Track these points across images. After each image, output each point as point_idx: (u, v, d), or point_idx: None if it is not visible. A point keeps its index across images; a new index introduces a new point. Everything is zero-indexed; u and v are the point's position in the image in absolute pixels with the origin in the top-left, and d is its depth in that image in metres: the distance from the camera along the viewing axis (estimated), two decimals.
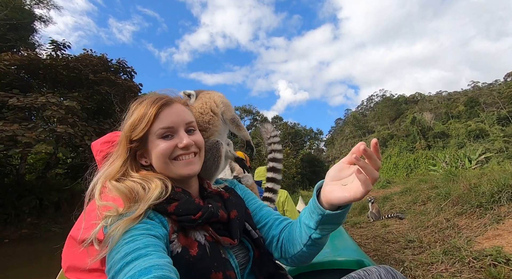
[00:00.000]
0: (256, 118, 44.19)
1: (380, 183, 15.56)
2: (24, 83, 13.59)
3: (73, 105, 11.75)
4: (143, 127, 0.79)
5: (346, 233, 2.28)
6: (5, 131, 10.00)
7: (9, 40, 16.57)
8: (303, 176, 22.37)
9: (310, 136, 46.70)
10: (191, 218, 0.72)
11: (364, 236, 4.10)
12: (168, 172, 0.81)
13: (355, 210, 6.41)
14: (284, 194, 3.01)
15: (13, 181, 12.51)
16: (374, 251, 3.17)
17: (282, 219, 0.96)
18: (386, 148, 64.93)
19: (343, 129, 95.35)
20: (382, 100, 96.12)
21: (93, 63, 14.24)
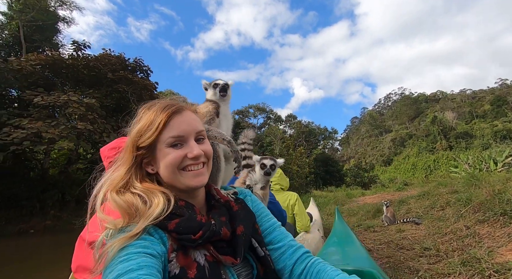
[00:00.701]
0: (270, 116, 44.01)
1: (396, 185, 15.09)
2: (48, 82, 14.27)
3: (92, 103, 12.20)
4: (151, 134, 0.75)
5: (357, 239, 2.21)
6: (31, 128, 10.56)
7: (35, 40, 17.42)
8: (316, 175, 22.08)
9: (324, 135, 45.94)
10: (191, 237, 0.69)
11: (377, 241, 3.97)
12: (176, 182, 0.78)
13: (368, 213, 6.24)
14: (294, 197, 2.97)
15: (38, 175, 13.22)
16: (387, 257, 3.06)
17: (297, 246, 0.90)
18: (404, 148, 62.88)
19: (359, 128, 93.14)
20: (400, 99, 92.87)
21: (112, 62, 14.70)
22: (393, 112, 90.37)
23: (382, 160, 64.34)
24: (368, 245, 3.79)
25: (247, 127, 1.50)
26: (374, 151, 73.69)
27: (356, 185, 20.07)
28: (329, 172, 25.05)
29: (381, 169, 56.69)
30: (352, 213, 6.82)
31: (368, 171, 24.53)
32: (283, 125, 44.41)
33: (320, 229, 3.32)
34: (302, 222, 2.80)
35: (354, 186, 20.11)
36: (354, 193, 12.80)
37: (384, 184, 20.88)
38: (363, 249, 2.00)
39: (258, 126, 42.29)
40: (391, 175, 44.10)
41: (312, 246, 2.52)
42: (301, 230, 2.79)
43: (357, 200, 9.83)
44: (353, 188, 19.15)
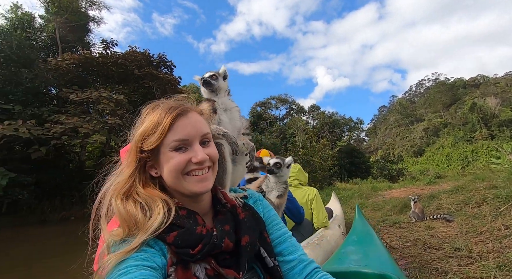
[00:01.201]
0: (292, 107, 43.32)
1: (427, 177, 14.26)
2: (82, 79, 15.27)
3: (121, 99, 12.86)
4: (156, 138, 0.73)
5: (379, 239, 2.12)
6: (68, 123, 11.43)
7: (69, 41, 18.59)
8: (341, 167, 21.48)
9: (349, 126, 44.36)
10: (189, 252, 0.66)
11: (403, 238, 3.79)
12: (179, 187, 0.76)
13: (395, 208, 5.97)
14: (313, 192, 2.91)
15: (76, 167, 14.36)
16: (413, 257, 2.91)
17: (307, 261, 0.86)
18: (437, 138, 58.84)
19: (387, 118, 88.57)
20: (434, 85, 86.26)
21: (137, 59, 15.29)
22: (425, 99, 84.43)
23: (412, 151, 60.92)
24: (392, 242, 3.63)
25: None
26: (403, 141, 69.89)
27: (383, 178, 19.24)
28: (354, 164, 24.19)
29: (411, 160, 53.82)
30: (377, 207, 6.56)
31: (396, 163, 23.32)
32: (306, 116, 43.53)
33: (341, 225, 3.24)
34: (319, 218, 2.74)
35: (381, 178, 19.31)
36: (380, 186, 12.30)
37: (414, 176, 19.83)
38: (385, 250, 1.91)
39: (281, 117, 41.90)
40: (422, 166, 41.73)
41: (332, 243, 2.47)
42: (319, 226, 2.74)
43: (383, 193, 9.44)
44: (380, 180, 18.41)
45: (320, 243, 2.29)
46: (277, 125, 37.24)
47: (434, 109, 76.46)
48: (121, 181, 0.75)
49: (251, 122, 38.75)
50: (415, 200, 5.15)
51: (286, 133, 32.91)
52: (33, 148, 11.26)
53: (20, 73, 13.38)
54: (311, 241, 2.28)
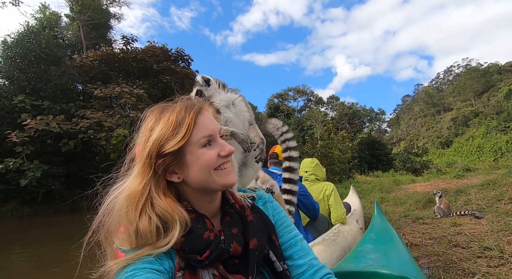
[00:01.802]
0: (310, 99, 42.46)
1: (455, 171, 13.50)
2: (105, 75, 15.90)
3: (141, 93, 13.26)
4: (180, 138, 0.68)
5: (399, 237, 2.02)
6: (93, 118, 12.01)
7: (93, 38, 19.32)
8: (361, 159, 20.86)
9: (370, 117, 42.82)
10: (197, 258, 0.64)
11: (426, 235, 3.62)
12: (210, 183, 0.72)
13: (418, 203, 5.71)
14: (330, 187, 2.84)
15: (102, 159, 15.14)
16: (436, 255, 2.77)
17: (319, 267, 0.82)
18: (467, 128, 55.29)
19: (412, 108, 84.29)
20: (465, 71, 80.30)
21: (156, 54, 15.61)
22: (454, 87, 79.11)
23: (439, 142, 57.79)
24: (414, 239, 3.49)
25: (267, 120, 1.33)
26: (429, 132, 66.41)
27: (406, 171, 18.46)
28: (375, 156, 23.36)
29: (437, 152, 51.23)
30: (399, 202, 6.32)
31: (420, 156, 22.21)
32: (325, 107, 42.53)
33: (359, 220, 3.14)
34: (337, 214, 2.67)
35: (403, 171, 18.55)
36: (402, 179, 11.82)
37: (440, 169, 18.86)
38: (405, 249, 1.81)
39: (298, 109, 41.30)
40: (449, 158, 39.59)
41: (349, 238, 2.40)
42: (336, 221, 2.67)
43: (405, 187, 9.07)
44: (402, 173, 17.71)
45: (336, 239, 2.23)
46: (294, 117, 36.79)
47: (464, 98, 71.53)
48: (134, 193, 0.68)
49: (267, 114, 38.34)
50: (441, 194, 4.89)
51: (304, 125, 32.45)
52: (62, 142, 12.00)
53: (49, 71, 14.16)
54: (327, 237, 2.22)
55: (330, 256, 2.00)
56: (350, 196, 4.61)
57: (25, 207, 12.16)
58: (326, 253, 2.02)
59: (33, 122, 10.83)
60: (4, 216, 11.50)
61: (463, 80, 77.37)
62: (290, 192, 1.68)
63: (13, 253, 6.59)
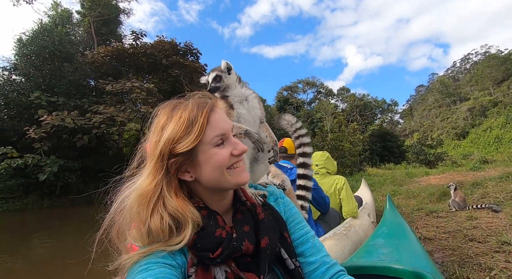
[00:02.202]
0: (320, 91, 41.78)
1: (471, 163, 13.08)
2: (116, 71, 16.13)
3: (151, 88, 13.40)
4: (194, 137, 0.67)
5: (412, 232, 1.98)
6: (105, 113, 12.27)
7: (103, 34, 19.55)
8: (372, 151, 20.48)
9: (382, 108, 41.82)
10: (209, 255, 0.65)
11: (440, 229, 3.55)
12: (223, 182, 0.72)
13: (432, 196, 5.58)
14: (341, 181, 2.80)
15: (115, 153, 15.54)
16: (451, 250, 2.71)
17: (331, 264, 0.82)
18: (485, 119, 53.20)
19: (426, 98, 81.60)
20: (484, 59, 76.60)
21: (165, 48, 15.66)
22: (472, 76, 75.82)
23: (454, 133, 55.91)
24: (428, 233, 3.42)
25: (279, 115, 1.29)
26: (444, 123, 64.30)
27: (419, 163, 18.01)
28: (387, 148, 22.83)
29: (452, 143, 49.70)
30: (412, 195, 6.19)
31: (434, 147, 21.58)
32: (335, 99, 41.82)
33: (371, 214, 3.10)
34: (348, 208, 2.64)
35: (417, 163, 18.11)
36: (416, 171, 11.56)
37: (456, 160, 18.32)
38: (419, 244, 1.77)
39: (308, 101, 40.78)
40: (465, 150, 38.40)
41: (360, 233, 2.37)
42: (348, 215, 2.65)
43: (419, 180, 8.88)
44: (415, 166, 17.31)
45: (347, 233, 2.20)
46: (304, 109, 36.40)
47: (482, 87, 68.56)
48: (145, 192, 0.67)
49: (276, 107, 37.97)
50: (456, 187, 4.76)
51: (313, 118, 32.09)
52: (77, 137, 12.36)
53: (63, 67, 14.50)
54: (338, 231, 2.20)
55: (341, 250, 1.99)
56: (362, 189, 4.54)
57: (44, 199, 12.72)
58: (337, 248, 2.01)
59: (49, 118, 11.18)
60: (26, 207, 12.09)
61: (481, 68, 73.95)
62: (305, 188, 1.66)
63: (34, 242, 6.98)
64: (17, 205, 11.99)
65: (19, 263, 5.26)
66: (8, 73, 14.78)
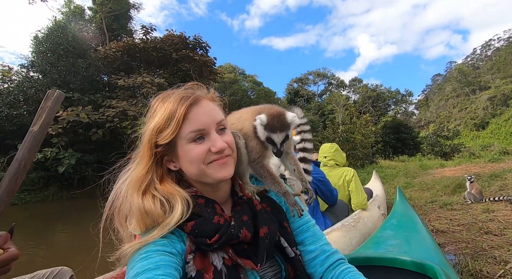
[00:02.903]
0: (331, 82, 40.97)
1: (490, 154, 12.58)
2: (127, 66, 16.36)
3: (162, 82, 13.54)
4: (171, 131, 0.69)
5: (423, 224, 1.94)
6: (118, 107, 12.55)
7: (114, 29, 19.79)
8: (385, 143, 20.01)
9: (395, 99, 40.62)
10: (206, 241, 0.66)
11: (454, 221, 3.47)
12: (202, 177, 0.73)
13: (447, 188, 5.44)
14: (350, 173, 2.77)
15: (128, 147, 15.94)
16: (465, 242, 2.65)
17: (330, 252, 0.82)
18: (507, 108, 50.69)
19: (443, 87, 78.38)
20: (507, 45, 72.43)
21: (175, 42, 15.71)
22: (493, 63, 72.00)
23: (473, 124, 53.67)
24: (441, 225, 3.35)
25: (292, 107, 1.21)
26: (462, 113, 61.78)
27: (434, 155, 17.46)
28: (401, 140, 22.20)
29: (470, 134, 47.87)
30: (425, 187, 6.06)
31: (451, 139, 20.84)
32: (347, 90, 40.95)
33: (381, 206, 3.06)
34: (358, 199, 2.61)
35: (432, 155, 17.58)
36: (430, 163, 11.25)
37: (474, 152, 17.66)
38: (429, 236, 1.73)
39: (319, 93, 40.13)
40: (485, 141, 36.90)
41: (369, 225, 2.35)
42: (357, 207, 2.62)
43: (433, 172, 8.65)
44: (430, 157, 16.82)
45: (356, 225, 2.19)
46: (315, 101, 35.89)
47: (505, 75, 65.06)
48: (138, 177, 0.72)
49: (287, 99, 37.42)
50: (472, 179, 4.61)
51: (324, 110, 31.63)
52: (92, 131, 12.74)
53: (77, 63, 14.84)
54: (346, 223, 2.19)
55: (349, 242, 1.98)
56: (373, 181, 4.48)
57: (63, 191, 13.30)
58: (345, 239, 2.01)
59: (65, 114, 11.55)
60: (47, 199, 12.70)
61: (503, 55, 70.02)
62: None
63: (56, 230, 7.36)
64: (39, 196, 12.60)
65: (42, 249, 5.58)
66: (26, 71, 15.31)
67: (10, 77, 15.23)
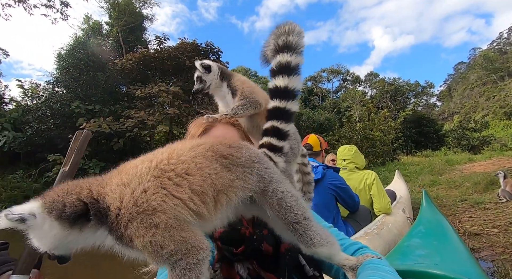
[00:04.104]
0: (346, 78, 40.02)
1: None
2: (143, 76, 16.92)
3: (177, 91, 13.86)
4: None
5: (454, 231, 1.81)
6: (136, 117, 12.99)
7: (130, 41, 20.57)
8: (407, 138, 19.16)
9: (415, 91, 38.95)
10: (233, 250, 0.71)
11: (489, 222, 3.24)
12: None
13: (477, 185, 5.11)
14: (371, 176, 2.66)
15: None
16: (502, 247, 2.45)
17: (349, 243, 0.84)
18: None
19: (467, 76, 74.04)
20: None
21: (188, 50, 16.04)
22: None
23: (502, 112, 50.12)
24: (474, 227, 3.14)
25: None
26: (490, 102, 57.98)
27: (461, 149, 16.48)
28: (423, 133, 21.10)
29: (500, 124, 44.83)
30: (453, 185, 5.72)
31: (478, 131, 19.58)
32: (363, 86, 39.84)
33: (406, 209, 2.91)
34: (380, 204, 2.50)
35: (458, 149, 16.61)
36: (457, 158, 10.64)
37: (506, 143, 16.54)
38: (462, 245, 1.62)
39: (334, 90, 39.36)
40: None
41: (394, 231, 2.23)
42: (380, 212, 2.50)
43: (461, 168, 8.17)
44: (457, 151, 15.92)
45: (379, 232, 2.09)
46: (329, 99, 35.23)
47: None
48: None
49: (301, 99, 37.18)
50: (505, 175, 4.30)
51: (340, 107, 30.93)
52: (114, 141, 13.28)
53: (97, 77, 15.57)
54: (369, 230, 2.10)
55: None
56: (395, 181, 4.28)
57: None
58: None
59: (88, 126, 12.12)
60: None
61: None
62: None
63: None
64: None
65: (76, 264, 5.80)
66: (51, 86, 16.26)
67: (38, 94, 16.25)
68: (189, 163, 0.60)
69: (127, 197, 0.58)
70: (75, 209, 0.57)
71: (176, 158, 0.62)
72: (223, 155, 0.63)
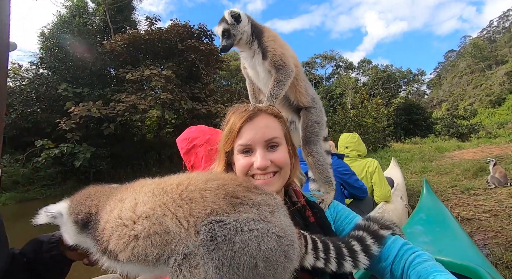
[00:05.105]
0: (339, 64, 39.80)
1: (508, 131, 12.10)
2: (133, 58, 16.26)
3: (169, 74, 13.43)
4: (230, 141, 0.83)
5: (456, 220, 1.87)
6: (127, 101, 12.61)
7: (118, 21, 19.52)
8: (397, 125, 19.50)
9: (407, 79, 39.24)
10: None
11: (479, 208, 3.38)
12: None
13: (467, 171, 5.29)
14: (373, 164, 2.69)
15: (139, 139, 16.15)
16: (495, 232, 2.57)
17: (391, 240, 0.81)
18: None
19: (456, 64, 74.76)
20: None
21: (180, 32, 15.42)
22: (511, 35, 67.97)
23: (488, 100, 51.43)
24: (466, 212, 3.27)
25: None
26: (477, 90, 59.16)
27: (450, 136, 16.93)
28: (413, 121, 21.52)
29: (486, 112, 46.14)
30: (444, 171, 5.91)
31: (467, 119, 20.07)
32: (355, 72, 39.79)
33: (403, 196, 2.99)
34: (381, 192, 2.55)
35: (447, 136, 17.06)
36: (446, 145, 10.95)
37: (491, 131, 17.08)
38: (463, 232, 1.68)
39: (327, 77, 39.18)
40: (501, 118, 35.59)
41: (394, 218, 2.30)
42: (380, 200, 2.56)
43: (450, 155, 8.43)
44: (445, 138, 16.36)
45: None
46: (322, 85, 35.14)
47: None
48: (217, 174, 0.80)
49: None
50: (495, 162, 4.46)
51: (333, 94, 30.96)
52: (104, 125, 12.92)
53: (84, 58, 14.85)
54: None
55: None
56: (392, 168, 4.38)
57: (81, 185, 13.59)
58: None
59: (77, 110, 11.70)
60: (65, 193, 13.11)
61: None
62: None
63: None
64: (58, 190, 13.06)
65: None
66: (36, 68, 15.45)
67: (21, 75, 15.44)
68: (195, 193, 0.59)
69: (116, 211, 0.59)
70: (82, 216, 0.64)
71: (185, 186, 0.61)
72: (235, 196, 0.61)
